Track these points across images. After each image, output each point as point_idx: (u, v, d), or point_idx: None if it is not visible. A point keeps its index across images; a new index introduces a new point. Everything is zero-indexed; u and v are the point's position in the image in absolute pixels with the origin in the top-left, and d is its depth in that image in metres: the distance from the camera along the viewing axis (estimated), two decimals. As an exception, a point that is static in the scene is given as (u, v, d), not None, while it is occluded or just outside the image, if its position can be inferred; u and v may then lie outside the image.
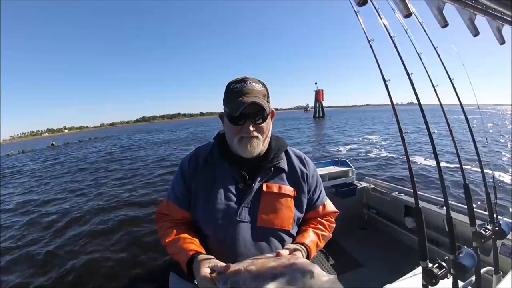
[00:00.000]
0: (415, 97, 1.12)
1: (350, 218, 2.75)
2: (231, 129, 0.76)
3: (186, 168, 0.84)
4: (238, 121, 0.74)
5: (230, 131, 0.77)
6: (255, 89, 0.74)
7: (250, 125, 0.73)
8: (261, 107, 0.73)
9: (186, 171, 0.83)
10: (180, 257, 0.70)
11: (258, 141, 0.76)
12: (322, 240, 0.84)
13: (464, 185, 1.27)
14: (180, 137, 25.93)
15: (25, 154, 24.66)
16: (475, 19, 1.14)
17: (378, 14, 1.11)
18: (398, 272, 1.35)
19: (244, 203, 0.77)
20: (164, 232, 0.79)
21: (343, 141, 13.82)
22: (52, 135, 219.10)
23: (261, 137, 0.76)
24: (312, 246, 0.78)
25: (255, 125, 0.75)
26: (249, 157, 0.77)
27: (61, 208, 5.67)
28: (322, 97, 50.41)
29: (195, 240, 0.75)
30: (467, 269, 0.97)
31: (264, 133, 0.77)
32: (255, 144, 0.75)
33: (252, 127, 0.74)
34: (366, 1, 0.97)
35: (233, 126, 0.75)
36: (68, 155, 18.46)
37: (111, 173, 9.43)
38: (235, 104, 0.71)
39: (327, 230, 0.87)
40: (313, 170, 0.90)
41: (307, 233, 0.81)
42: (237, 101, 0.71)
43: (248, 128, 0.73)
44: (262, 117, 0.75)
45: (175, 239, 0.74)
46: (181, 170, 0.85)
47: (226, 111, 0.76)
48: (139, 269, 3.05)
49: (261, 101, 0.72)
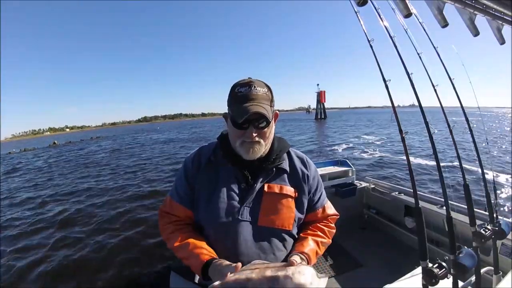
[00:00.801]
0: (415, 97, 1.12)
1: (350, 218, 2.76)
2: (234, 132, 0.77)
3: (190, 168, 0.84)
4: (241, 126, 0.74)
5: (233, 134, 0.78)
6: (260, 95, 0.74)
7: (253, 131, 0.74)
8: (264, 114, 0.72)
9: (189, 170, 0.84)
10: (193, 262, 0.72)
11: (260, 146, 0.76)
12: (322, 247, 0.85)
13: (464, 185, 1.27)
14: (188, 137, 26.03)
15: (27, 152, 24.71)
16: (475, 19, 1.14)
17: (378, 14, 1.11)
18: (398, 272, 1.35)
19: (246, 203, 0.78)
20: (169, 236, 0.80)
21: (344, 141, 13.92)
22: (53, 134, 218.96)
23: (263, 142, 0.77)
24: (311, 255, 0.79)
25: (258, 130, 0.75)
26: (251, 159, 0.78)
27: (61, 207, 5.68)
28: (324, 98, 50.22)
29: (204, 243, 0.76)
30: (467, 269, 0.97)
31: (266, 138, 0.77)
32: (256, 149, 0.76)
33: (255, 132, 0.74)
34: (366, 1, 0.97)
35: (236, 130, 0.76)
36: (72, 151, 18.57)
37: (111, 171, 9.45)
38: (239, 110, 0.71)
39: (327, 236, 0.87)
40: (314, 172, 0.90)
41: (306, 241, 0.81)
42: (241, 107, 0.71)
43: (250, 133, 0.74)
44: (265, 123, 0.75)
45: (185, 244, 0.75)
46: (184, 170, 0.85)
47: (230, 114, 0.77)
48: (139, 268, 3.05)
49: (265, 109, 0.72)
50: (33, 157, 18.76)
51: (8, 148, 36.00)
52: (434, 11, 1.08)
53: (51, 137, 70.33)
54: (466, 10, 1.09)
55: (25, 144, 42.04)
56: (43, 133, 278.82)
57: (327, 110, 52.49)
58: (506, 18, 1.10)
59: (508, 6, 1.02)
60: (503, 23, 1.16)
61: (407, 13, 1.00)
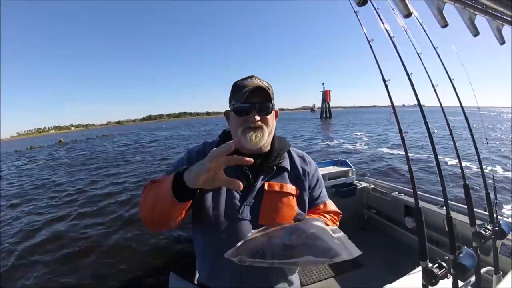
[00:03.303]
0: (415, 97, 1.12)
1: (350, 218, 2.76)
2: (236, 121, 0.76)
3: (194, 158, 0.82)
4: (243, 112, 0.74)
5: (235, 124, 0.77)
6: (260, 83, 0.76)
7: (255, 115, 0.74)
8: (266, 98, 0.75)
9: (193, 159, 0.81)
10: (164, 188, 0.60)
11: (263, 132, 0.75)
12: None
13: (464, 185, 1.27)
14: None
15: (33, 150, 24.70)
16: (475, 19, 1.13)
17: (378, 15, 1.11)
18: (398, 272, 1.35)
19: (246, 201, 0.77)
20: (144, 198, 0.70)
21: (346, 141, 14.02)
22: (59, 132, 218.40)
23: (266, 128, 0.76)
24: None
25: (260, 115, 0.75)
26: (253, 149, 0.76)
27: (61, 206, 5.68)
28: (329, 97, 49.85)
29: None
30: (467, 269, 0.97)
31: (268, 125, 0.77)
32: (259, 135, 0.75)
33: (258, 116, 0.74)
34: (366, 1, 0.98)
35: (238, 118, 0.76)
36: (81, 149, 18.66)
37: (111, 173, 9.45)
38: (241, 92, 0.73)
39: (333, 224, 0.85)
40: (314, 169, 0.90)
41: (310, 217, 0.80)
42: (243, 91, 0.73)
43: (253, 117, 0.74)
44: (267, 108, 0.76)
45: (152, 186, 0.68)
46: (188, 157, 0.83)
47: (232, 103, 0.77)
48: (138, 269, 3.05)
49: (266, 88, 0.75)
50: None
51: (14, 146, 35.91)
52: (434, 11, 1.08)
53: (56, 135, 70.09)
54: (466, 10, 1.09)
55: (31, 142, 41.90)
56: (48, 131, 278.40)
57: (332, 109, 52.16)
58: (506, 18, 1.10)
59: (508, 6, 1.02)
60: (503, 23, 1.16)
61: (407, 13, 1.00)
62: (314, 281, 1.99)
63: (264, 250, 0.52)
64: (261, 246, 0.53)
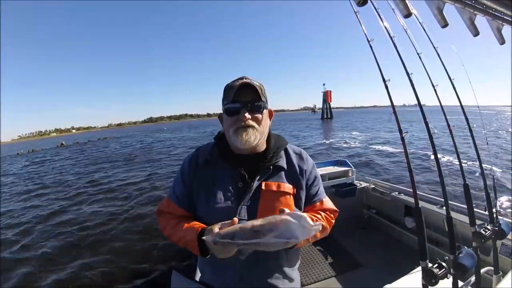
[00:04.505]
0: (415, 97, 1.12)
1: (350, 218, 2.76)
2: (228, 122, 0.78)
3: (186, 168, 0.84)
4: (234, 111, 0.76)
5: (227, 124, 0.78)
6: (249, 82, 0.77)
7: (245, 113, 0.75)
8: (257, 97, 0.76)
9: (186, 171, 0.84)
10: (188, 236, 0.72)
11: (254, 130, 0.76)
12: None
13: (464, 185, 1.27)
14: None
15: (35, 153, 24.71)
16: (475, 19, 1.13)
17: (378, 14, 1.11)
18: (398, 272, 1.35)
19: (243, 202, 0.77)
20: (166, 224, 0.82)
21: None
22: (60, 135, 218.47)
23: (257, 126, 0.77)
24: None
25: (251, 113, 0.76)
26: (246, 148, 0.77)
27: (63, 206, 5.69)
28: (330, 98, 49.61)
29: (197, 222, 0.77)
30: (467, 269, 0.97)
31: (260, 123, 0.78)
32: (250, 133, 0.75)
33: (248, 114, 0.75)
34: (366, 1, 0.97)
35: (229, 118, 0.77)
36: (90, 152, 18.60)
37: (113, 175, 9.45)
38: (230, 91, 0.75)
39: (325, 221, 0.84)
40: (311, 166, 0.90)
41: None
42: (232, 89, 0.75)
43: (243, 115, 0.75)
44: (258, 107, 0.77)
45: (179, 225, 0.77)
46: (181, 171, 0.85)
47: (224, 104, 0.79)
48: (141, 268, 3.06)
49: (256, 86, 0.76)
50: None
51: (15, 149, 35.84)
52: (434, 11, 1.08)
53: (58, 138, 70.04)
54: (466, 10, 1.09)
55: (32, 145, 41.87)
56: (49, 134, 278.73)
57: (333, 110, 52.04)
58: (506, 18, 1.10)
59: (508, 6, 1.02)
60: (503, 23, 1.16)
61: (407, 13, 1.00)
62: (314, 281, 1.99)
63: (235, 233, 0.58)
64: (234, 230, 0.59)
